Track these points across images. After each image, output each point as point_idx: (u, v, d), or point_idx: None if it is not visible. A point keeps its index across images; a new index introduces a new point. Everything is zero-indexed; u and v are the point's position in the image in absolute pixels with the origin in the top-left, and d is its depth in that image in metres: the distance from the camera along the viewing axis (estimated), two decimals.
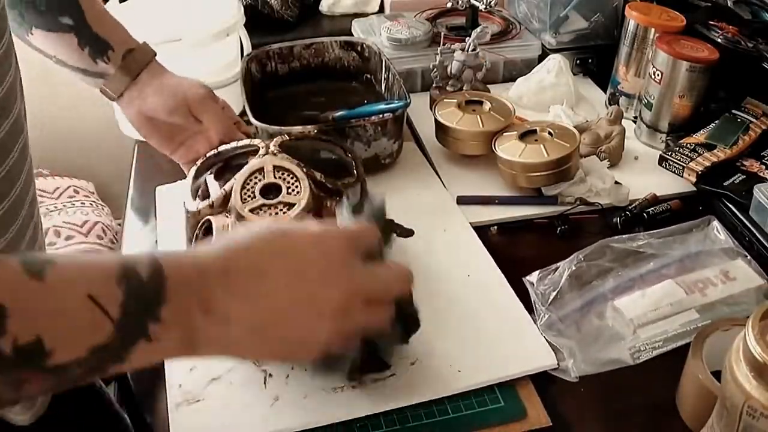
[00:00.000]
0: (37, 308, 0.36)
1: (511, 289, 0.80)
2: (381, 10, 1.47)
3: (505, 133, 0.99)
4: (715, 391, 0.60)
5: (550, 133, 0.97)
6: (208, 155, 0.83)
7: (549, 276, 0.81)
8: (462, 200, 0.94)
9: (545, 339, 0.73)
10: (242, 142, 0.82)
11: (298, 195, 0.72)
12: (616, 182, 0.96)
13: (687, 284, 0.79)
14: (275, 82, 1.12)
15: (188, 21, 1.09)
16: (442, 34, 1.20)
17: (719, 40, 1.03)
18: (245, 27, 1.15)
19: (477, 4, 1.22)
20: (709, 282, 0.79)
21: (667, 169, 0.98)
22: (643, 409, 0.69)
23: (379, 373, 0.68)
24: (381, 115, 0.95)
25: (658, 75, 1.04)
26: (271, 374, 0.70)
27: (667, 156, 0.98)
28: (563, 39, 1.25)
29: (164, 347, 0.42)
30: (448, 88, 1.15)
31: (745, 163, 0.97)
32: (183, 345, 0.42)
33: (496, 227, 0.91)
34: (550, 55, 1.20)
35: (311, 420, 0.66)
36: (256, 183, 0.73)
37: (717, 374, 0.61)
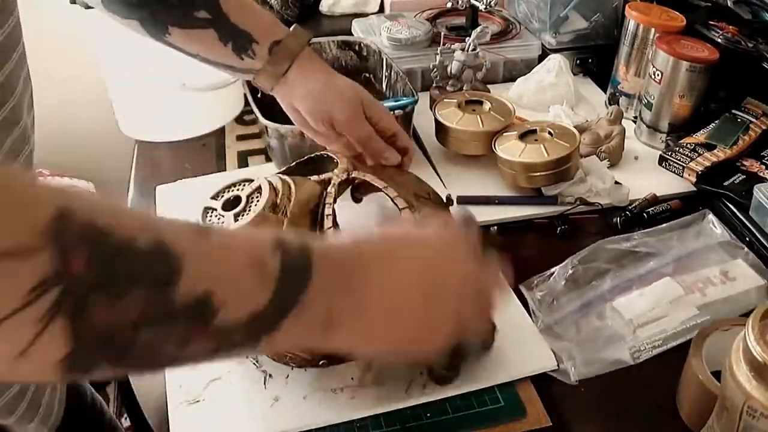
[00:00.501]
0: (209, 264, 0.37)
1: (511, 291, 0.79)
2: (381, 10, 1.47)
3: (505, 133, 0.99)
4: (715, 391, 0.60)
5: (550, 133, 0.97)
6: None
7: (546, 281, 0.80)
8: (462, 200, 0.94)
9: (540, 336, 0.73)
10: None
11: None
12: (616, 182, 0.96)
13: (686, 284, 0.79)
14: None
15: None
16: (442, 34, 1.20)
17: (719, 40, 1.03)
18: None
19: (477, 4, 1.22)
20: (708, 282, 0.79)
21: (667, 169, 0.98)
22: (643, 409, 0.69)
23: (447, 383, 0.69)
24: (392, 112, 0.95)
25: (658, 75, 1.04)
26: (271, 375, 0.70)
27: (667, 156, 0.98)
28: (563, 39, 1.25)
29: (309, 323, 0.42)
30: (448, 88, 1.15)
31: (745, 163, 0.97)
32: (323, 324, 0.43)
33: (496, 227, 0.91)
34: (550, 55, 1.20)
35: (311, 420, 0.66)
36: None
37: (717, 374, 0.61)
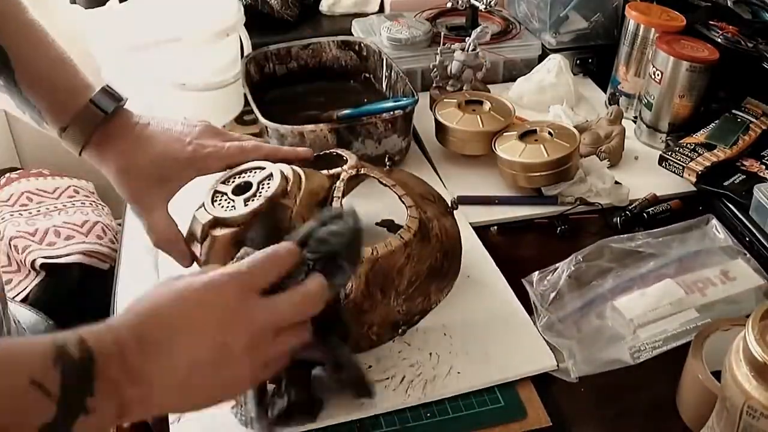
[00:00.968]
0: None
1: (511, 290, 0.79)
2: (381, 10, 1.46)
3: (505, 133, 0.99)
4: (715, 391, 0.60)
5: (550, 133, 0.97)
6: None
7: (548, 277, 0.81)
8: (462, 200, 0.94)
9: (545, 340, 0.73)
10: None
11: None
12: (616, 182, 0.96)
13: (687, 284, 0.79)
14: (274, 83, 1.12)
15: (188, 21, 1.09)
16: (442, 34, 1.20)
17: (719, 40, 1.03)
18: (245, 27, 1.15)
19: (477, 4, 1.22)
20: (709, 282, 0.79)
21: (667, 169, 0.98)
22: (643, 409, 0.69)
23: (308, 416, 0.65)
24: (392, 113, 0.95)
25: (658, 75, 1.04)
26: None
27: (667, 156, 0.98)
28: (563, 39, 1.25)
29: (101, 419, 0.45)
30: (448, 88, 1.15)
31: (745, 163, 0.97)
32: (117, 414, 0.46)
33: (496, 227, 0.91)
34: (550, 55, 1.20)
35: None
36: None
37: (717, 374, 0.61)
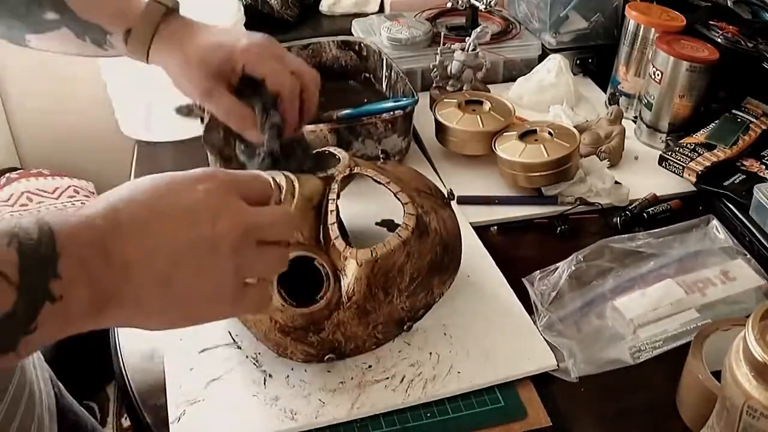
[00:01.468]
0: None
1: (511, 290, 0.79)
2: (381, 10, 1.47)
3: (505, 133, 0.99)
4: (715, 391, 0.60)
5: (550, 133, 0.97)
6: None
7: (548, 276, 0.81)
8: (462, 200, 0.94)
9: (545, 340, 0.73)
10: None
11: None
12: (616, 182, 0.96)
13: (687, 284, 0.79)
14: None
15: None
16: (442, 34, 1.20)
17: (719, 40, 1.03)
18: (245, 27, 1.15)
19: (477, 4, 1.22)
20: (709, 282, 0.79)
21: (667, 169, 0.98)
22: (643, 409, 0.69)
23: None
24: (391, 113, 0.95)
25: (658, 75, 1.04)
26: (271, 374, 0.70)
27: (667, 156, 0.98)
28: (563, 39, 1.24)
29: (73, 308, 0.40)
30: (448, 88, 1.15)
31: (745, 163, 0.97)
32: (92, 304, 0.41)
33: (496, 227, 0.91)
34: (550, 55, 1.20)
35: (311, 420, 0.66)
36: None
37: (717, 374, 0.61)
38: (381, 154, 0.82)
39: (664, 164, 0.98)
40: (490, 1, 1.20)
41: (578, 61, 1.25)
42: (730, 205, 0.92)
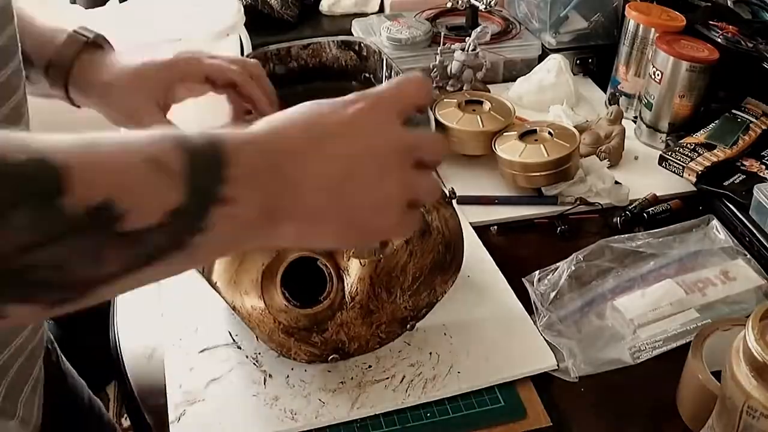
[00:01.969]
0: (102, 172, 0.35)
1: (511, 290, 0.79)
2: (381, 10, 1.46)
3: (505, 133, 0.99)
4: (715, 391, 0.60)
5: (550, 133, 0.97)
6: None
7: (548, 276, 0.81)
8: (462, 200, 0.94)
9: (545, 340, 0.73)
10: None
11: None
12: (616, 182, 0.96)
13: (687, 284, 0.79)
14: (274, 83, 1.12)
15: (188, 21, 1.09)
16: (442, 34, 1.20)
17: (719, 40, 1.03)
18: (245, 27, 1.15)
19: (477, 4, 1.22)
20: (709, 282, 0.79)
21: (667, 169, 0.98)
22: (643, 409, 0.69)
23: None
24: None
25: (658, 75, 1.04)
26: (271, 375, 0.70)
27: (667, 156, 0.98)
28: (563, 39, 1.24)
29: (243, 212, 0.39)
30: (448, 88, 1.15)
31: (745, 163, 0.97)
32: (263, 214, 0.40)
33: (496, 227, 0.91)
34: (550, 55, 1.20)
35: (311, 420, 0.66)
36: None
37: (717, 374, 0.61)
38: None
39: (664, 164, 0.98)
40: (490, 1, 1.20)
41: (578, 61, 1.25)
42: (730, 205, 0.92)
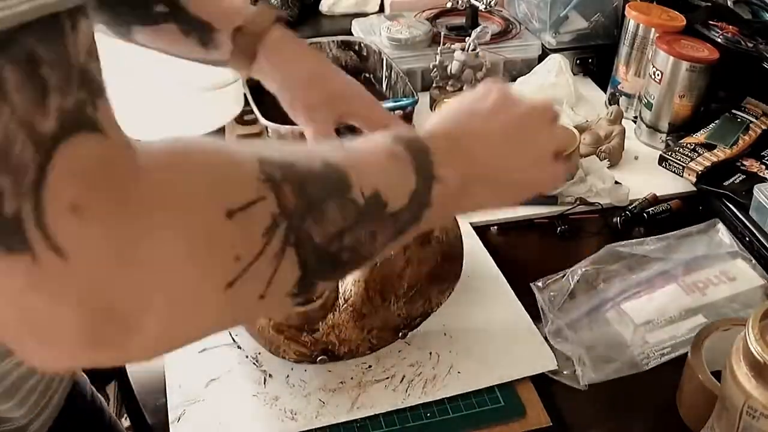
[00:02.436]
0: (366, 167, 0.44)
1: (511, 290, 0.79)
2: (381, 10, 1.46)
3: None
4: (715, 391, 0.60)
5: None
6: None
7: (557, 282, 0.80)
8: None
9: (548, 344, 0.73)
10: None
11: None
12: (616, 182, 0.96)
13: (686, 284, 0.79)
14: None
15: None
16: (442, 34, 1.20)
17: (719, 40, 1.03)
18: None
19: (477, 4, 1.22)
20: (709, 282, 0.79)
21: (667, 169, 0.98)
22: (643, 408, 0.69)
23: None
24: (392, 113, 0.95)
25: (658, 75, 1.04)
26: (271, 374, 0.70)
27: (667, 156, 0.98)
28: (563, 39, 1.24)
29: (450, 189, 0.48)
30: (448, 88, 1.15)
31: (745, 163, 0.97)
32: (460, 187, 0.49)
33: (496, 227, 0.91)
34: (550, 55, 1.20)
35: (311, 420, 0.66)
36: None
37: (717, 374, 0.61)
38: None
39: (664, 164, 0.98)
40: (490, 1, 1.20)
41: (578, 61, 1.25)
42: (730, 205, 0.92)
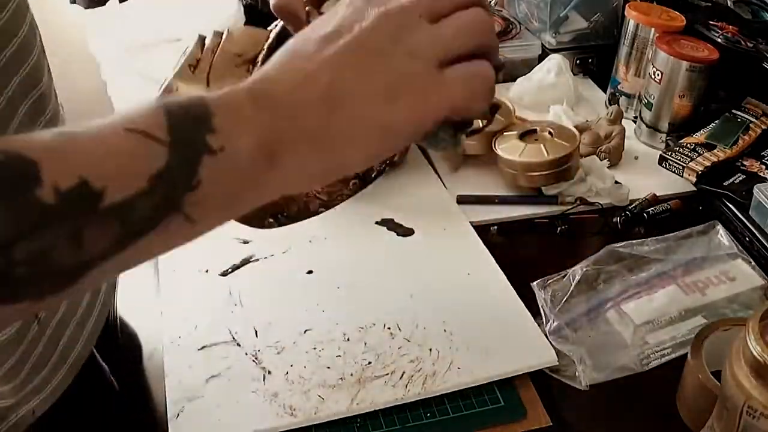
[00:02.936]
0: (74, 155, 0.34)
1: (511, 288, 0.79)
2: None
3: (505, 133, 0.99)
4: (715, 391, 0.60)
5: (550, 132, 0.97)
6: None
7: (557, 282, 0.80)
8: (462, 200, 0.94)
9: (552, 345, 0.73)
10: None
11: None
12: (616, 182, 0.96)
13: (686, 284, 0.79)
14: None
15: (188, 21, 1.09)
16: None
17: (719, 40, 1.03)
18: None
19: None
20: (709, 282, 0.79)
21: (667, 169, 0.98)
22: (643, 408, 0.68)
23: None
24: None
25: (658, 75, 1.04)
26: (270, 371, 0.70)
27: (667, 156, 0.98)
28: (563, 39, 1.24)
29: (240, 159, 0.38)
30: None
31: (745, 163, 0.97)
32: (261, 152, 0.38)
33: (496, 227, 0.91)
34: (550, 55, 1.20)
35: (310, 416, 0.66)
36: None
37: (717, 374, 0.61)
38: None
39: (664, 164, 0.98)
40: (490, 1, 1.20)
41: (578, 61, 1.25)
42: (730, 205, 0.91)
